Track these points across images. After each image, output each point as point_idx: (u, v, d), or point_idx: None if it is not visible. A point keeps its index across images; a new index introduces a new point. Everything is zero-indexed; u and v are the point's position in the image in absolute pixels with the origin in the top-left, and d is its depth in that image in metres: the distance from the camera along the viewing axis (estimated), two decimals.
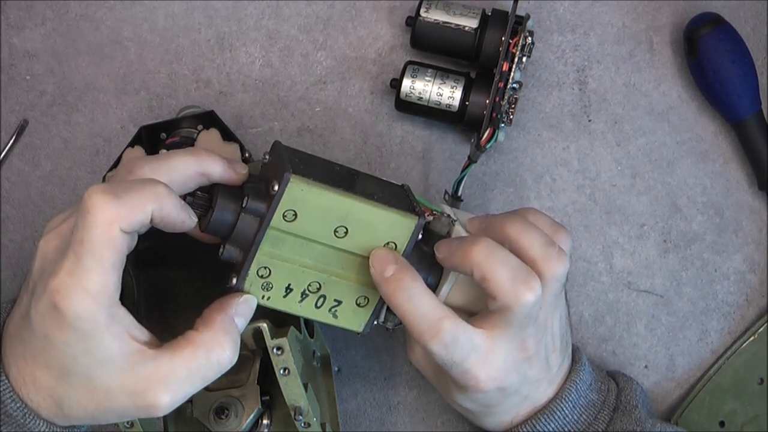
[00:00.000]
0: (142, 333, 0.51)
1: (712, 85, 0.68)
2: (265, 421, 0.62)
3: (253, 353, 0.62)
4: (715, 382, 0.70)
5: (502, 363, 0.56)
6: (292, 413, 0.57)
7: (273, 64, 0.71)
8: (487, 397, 0.57)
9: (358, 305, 0.56)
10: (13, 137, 0.70)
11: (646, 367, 0.70)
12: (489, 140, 0.64)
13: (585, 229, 0.70)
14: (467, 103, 0.66)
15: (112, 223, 0.47)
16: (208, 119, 0.67)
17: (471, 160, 0.66)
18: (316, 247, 0.54)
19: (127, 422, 0.56)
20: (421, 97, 0.66)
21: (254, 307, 0.53)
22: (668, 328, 0.70)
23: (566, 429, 0.59)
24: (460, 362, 0.55)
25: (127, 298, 0.61)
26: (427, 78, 0.66)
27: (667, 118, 0.71)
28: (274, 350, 0.55)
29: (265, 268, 0.53)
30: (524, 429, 0.59)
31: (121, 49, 0.71)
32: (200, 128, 0.66)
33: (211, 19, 0.71)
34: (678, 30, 0.71)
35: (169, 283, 0.61)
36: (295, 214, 0.52)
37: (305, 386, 0.57)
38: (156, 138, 0.67)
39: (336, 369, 0.69)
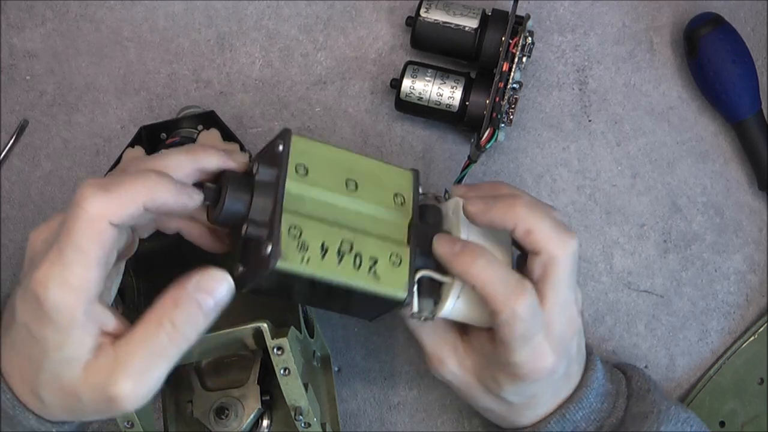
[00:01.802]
0: (118, 325, 0.49)
1: (712, 85, 0.68)
2: (265, 421, 0.62)
3: (254, 353, 0.62)
4: (715, 382, 0.70)
5: (559, 335, 0.55)
6: (293, 413, 0.57)
7: (273, 64, 0.71)
8: (539, 382, 0.56)
9: (393, 264, 0.54)
10: (13, 137, 0.70)
11: (646, 367, 0.70)
12: (489, 140, 0.64)
13: (585, 229, 0.70)
14: (467, 103, 0.66)
15: (100, 216, 0.47)
16: (208, 119, 0.67)
17: (471, 160, 0.66)
18: (335, 207, 0.53)
19: (127, 422, 0.56)
20: (421, 97, 0.66)
21: (222, 282, 0.50)
22: (668, 328, 0.70)
23: (591, 417, 0.60)
24: (534, 334, 0.53)
25: (127, 299, 0.61)
26: (427, 78, 0.66)
27: (667, 118, 0.71)
28: (275, 350, 0.55)
29: (294, 227, 0.51)
30: (554, 418, 0.59)
31: (121, 49, 0.71)
32: (200, 128, 0.66)
33: (211, 19, 0.71)
34: (678, 30, 0.71)
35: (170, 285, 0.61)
36: (306, 169, 0.52)
37: (305, 386, 0.57)
38: (156, 138, 0.67)
39: (336, 369, 0.69)
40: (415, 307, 0.54)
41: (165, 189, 0.49)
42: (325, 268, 0.51)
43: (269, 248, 0.50)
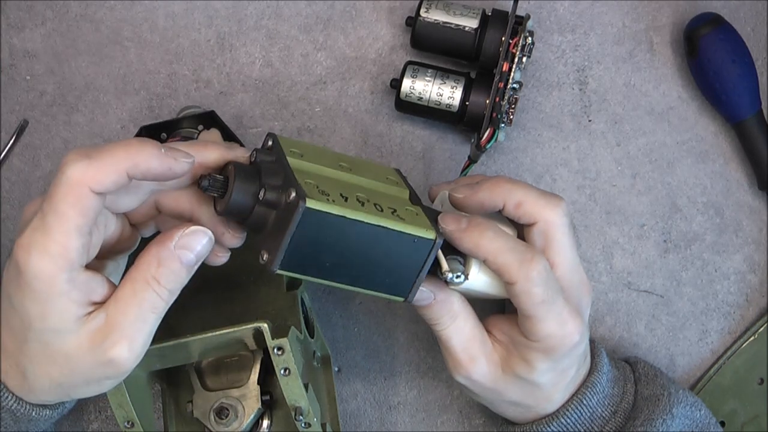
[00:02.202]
0: (103, 290, 0.49)
1: (712, 85, 0.68)
2: (265, 422, 0.62)
3: (254, 353, 0.62)
4: (715, 382, 0.70)
5: (576, 299, 0.56)
6: (293, 413, 0.57)
7: (273, 64, 0.71)
8: (569, 354, 0.56)
9: (411, 213, 0.54)
10: (13, 137, 0.70)
11: None
12: (489, 140, 0.64)
13: (585, 229, 0.70)
14: (467, 103, 0.66)
15: (80, 183, 0.46)
16: (209, 119, 0.67)
17: (471, 160, 0.66)
18: (337, 183, 0.54)
19: (127, 422, 0.56)
20: (421, 97, 0.66)
21: (202, 237, 0.50)
22: (668, 328, 0.70)
23: (606, 402, 0.60)
24: (554, 300, 0.54)
25: None
26: (427, 78, 0.66)
27: (667, 118, 0.71)
28: (275, 350, 0.55)
29: (309, 182, 0.51)
30: (572, 405, 0.59)
31: (121, 49, 0.71)
32: (200, 128, 0.66)
33: (211, 19, 0.71)
34: (678, 30, 0.71)
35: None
36: (301, 154, 0.54)
37: (306, 386, 0.57)
38: (156, 138, 0.67)
39: (336, 369, 0.69)
40: (446, 265, 0.54)
41: (148, 153, 0.48)
42: (351, 209, 0.50)
43: (293, 194, 0.49)
